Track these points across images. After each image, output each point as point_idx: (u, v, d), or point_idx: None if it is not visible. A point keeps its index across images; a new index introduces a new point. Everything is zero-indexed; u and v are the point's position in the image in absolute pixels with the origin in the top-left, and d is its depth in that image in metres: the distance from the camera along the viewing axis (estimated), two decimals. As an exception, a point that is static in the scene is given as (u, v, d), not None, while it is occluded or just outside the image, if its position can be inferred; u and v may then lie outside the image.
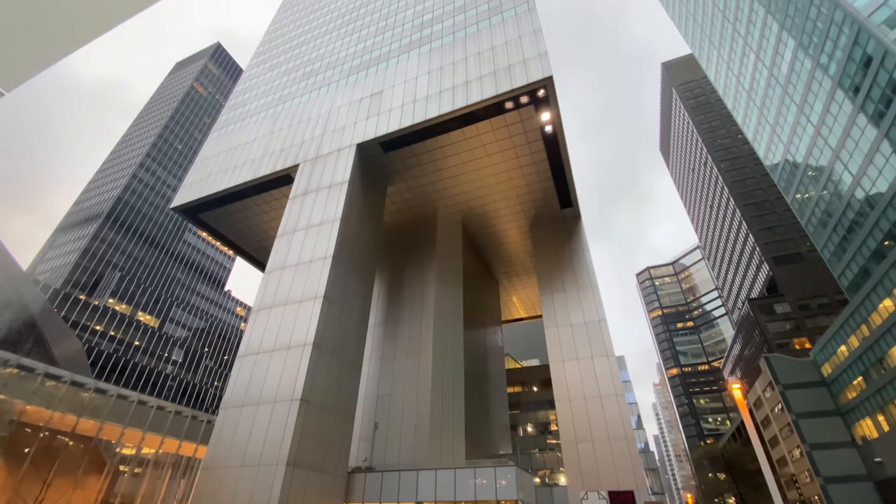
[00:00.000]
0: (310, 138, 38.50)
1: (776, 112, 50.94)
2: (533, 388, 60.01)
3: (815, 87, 42.10)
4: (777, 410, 52.40)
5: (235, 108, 50.21)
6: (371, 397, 35.34)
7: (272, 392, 23.93)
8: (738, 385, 19.60)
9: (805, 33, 41.71)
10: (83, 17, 3.04)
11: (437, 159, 36.68)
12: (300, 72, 48.65)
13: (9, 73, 3.10)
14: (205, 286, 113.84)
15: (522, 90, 30.35)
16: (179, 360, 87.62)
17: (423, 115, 33.01)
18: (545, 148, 34.93)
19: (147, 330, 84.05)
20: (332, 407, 25.58)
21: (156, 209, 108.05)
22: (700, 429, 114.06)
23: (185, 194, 42.61)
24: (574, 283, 37.73)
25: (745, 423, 19.08)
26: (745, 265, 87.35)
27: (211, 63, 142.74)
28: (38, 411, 26.29)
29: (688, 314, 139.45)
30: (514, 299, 60.72)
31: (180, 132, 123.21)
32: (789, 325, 67.69)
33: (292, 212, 33.24)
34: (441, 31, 39.92)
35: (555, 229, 41.89)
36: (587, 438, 30.18)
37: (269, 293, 29.04)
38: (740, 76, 58.37)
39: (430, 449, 30.98)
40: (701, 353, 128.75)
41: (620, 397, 30.97)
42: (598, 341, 33.75)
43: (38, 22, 2.94)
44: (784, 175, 53.25)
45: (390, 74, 39.06)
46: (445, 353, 36.08)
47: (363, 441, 32.94)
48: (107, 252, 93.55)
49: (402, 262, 41.93)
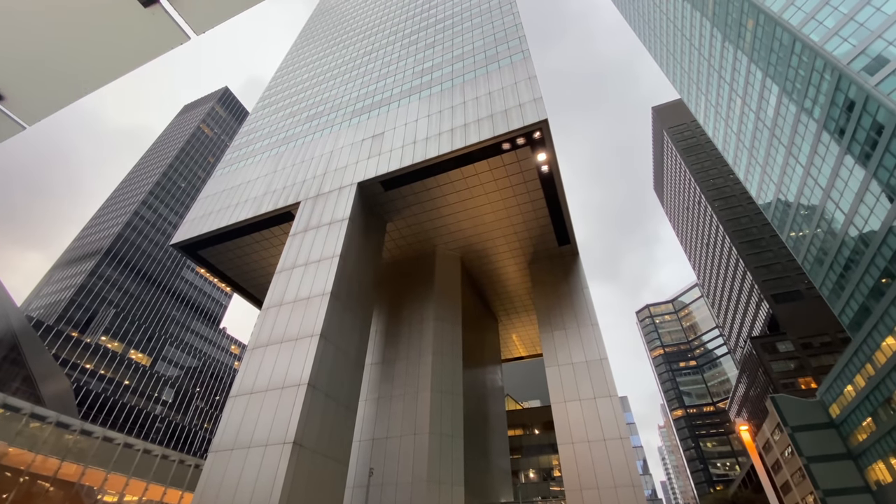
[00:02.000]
0: (312, 177, 39.27)
1: (765, 153, 52.48)
2: (535, 431, 58.04)
3: (802, 130, 43.61)
4: (787, 454, 50.56)
5: (240, 148, 51.52)
6: (366, 440, 34.07)
7: (264, 434, 23.07)
8: (747, 427, 19.02)
9: (788, 80, 43.69)
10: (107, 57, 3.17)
11: (436, 198, 37.32)
12: (304, 114, 50.34)
13: (30, 107, 3.20)
14: (200, 323, 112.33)
15: (518, 132, 31.38)
16: (170, 400, 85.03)
17: (423, 156, 33.90)
18: (542, 187, 35.68)
19: (138, 368, 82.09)
20: (326, 451, 24.60)
21: (156, 246, 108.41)
22: (709, 474, 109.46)
23: (185, 231, 42.90)
24: (574, 320, 37.40)
25: (756, 468, 18.36)
26: (745, 303, 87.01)
27: (218, 106, 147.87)
28: (20, 454, 25.19)
29: (690, 353, 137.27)
30: (514, 337, 59.92)
31: (184, 171, 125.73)
32: (793, 364, 66.53)
33: (292, 248, 33.37)
34: (441, 78, 41.71)
35: (553, 266, 42.01)
36: (592, 485, 28.89)
37: (265, 330, 28.62)
38: (728, 120, 60.58)
39: (428, 497, 29.54)
40: (705, 394, 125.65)
41: (625, 440, 29.93)
42: (601, 381, 33.02)
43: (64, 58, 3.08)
44: (777, 213, 54.13)
45: (391, 117, 40.43)
46: (444, 394, 35.14)
47: (357, 488, 31.43)
48: (103, 288, 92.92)
49: (400, 299, 41.68)
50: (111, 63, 3.25)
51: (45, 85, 3.11)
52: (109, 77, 3.30)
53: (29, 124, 3.24)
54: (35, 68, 3.02)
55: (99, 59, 3.18)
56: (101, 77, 3.27)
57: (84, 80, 3.20)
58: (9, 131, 3.27)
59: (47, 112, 3.21)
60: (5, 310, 36.72)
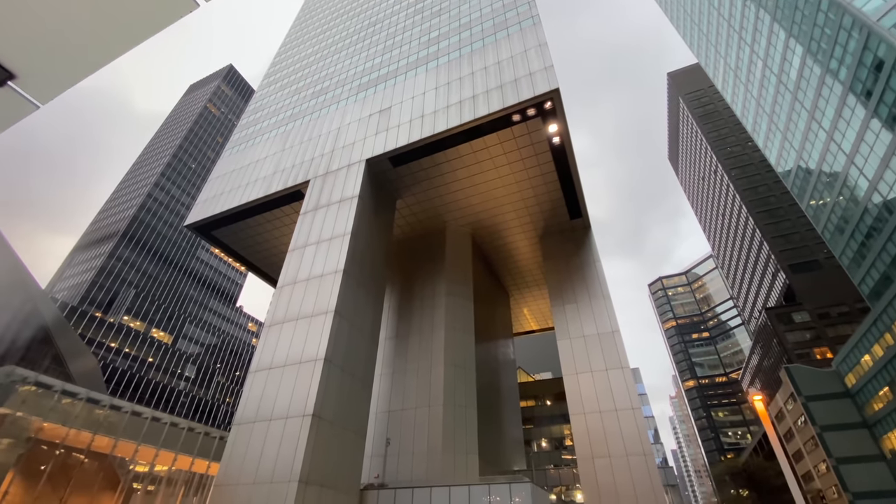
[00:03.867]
0: (320, 155, 39.06)
1: (787, 119, 50.51)
2: (546, 402, 59.01)
3: (826, 93, 41.72)
4: (800, 423, 50.74)
5: (247, 127, 51.28)
6: (382, 412, 35.04)
7: (284, 408, 23.85)
8: (760, 396, 19.03)
9: (813, 39, 41.53)
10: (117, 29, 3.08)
11: (446, 172, 36.92)
12: (310, 90, 49.64)
13: (43, 85, 3.13)
14: (217, 302, 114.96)
15: (529, 103, 30.56)
16: (192, 376, 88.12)
17: (431, 130, 33.35)
18: (553, 159, 34.99)
19: (160, 346, 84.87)
20: (344, 422, 25.39)
21: (170, 227, 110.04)
22: (720, 443, 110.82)
23: (198, 212, 43.35)
24: (586, 293, 37.33)
25: (769, 436, 18.47)
26: (761, 273, 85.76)
27: (224, 84, 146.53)
28: (54, 428, 26.54)
29: (703, 325, 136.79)
30: (525, 311, 60.21)
31: (194, 151, 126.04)
32: (809, 334, 65.93)
33: (303, 227, 33.57)
34: (448, 48, 40.55)
35: (564, 240, 41.67)
36: (604, 454, 29.47)
37: (280, 308, 29.18)
38: (748, 84, 58.16)
39: (443, 465, 30.49)
40: (718, 365, 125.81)
41: (637, 410, 30.27)
42: (612, 353, 33.18)
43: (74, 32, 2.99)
44: (797, 182, 52.53)
45: (398, 91, 39.66)
46: (457, 367, 35.73)
47: (375, 457, 32.56)
48: (122, 270, 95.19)
49: (412, 276, 41.95)
50: (121, 35, 3.15)
51: (57, 61, 3.03)
52: (120, 50, 3.21)
53: (43, 103, 3.19)
54: (45, 44, 2.94)
55: (108, 31, 3.08)
56: (112, 50, 3.18)
57: (95, 54, 3.13)
58: (23, 111, 3.23)
59: (60, 89, 3.14)
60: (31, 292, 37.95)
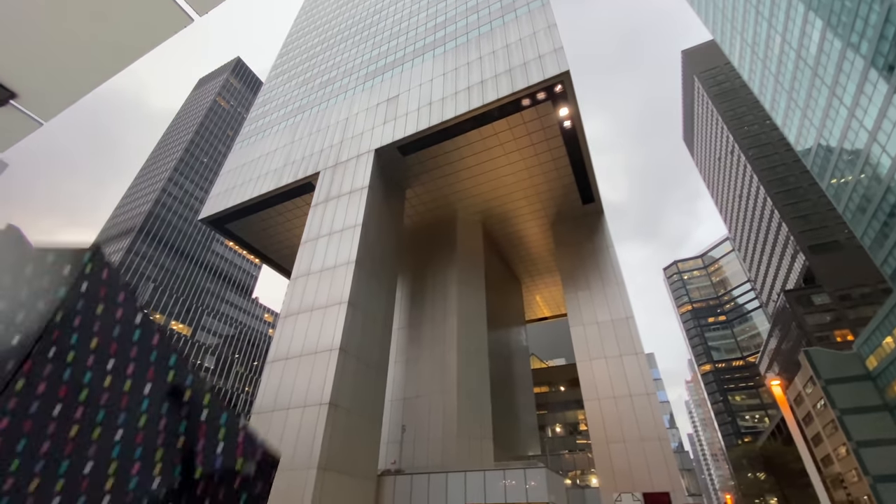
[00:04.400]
0: (329, 146, 39.08)
1: (806, 95, 48.85)
2: (560, 388, 59.16)
3: (847, 68, 40.18)
4: (819, 406, 50.08)
5: (256, 120, 51.47)
6: (397, 400, 35.52)
7: (301, 397, 24.32)
8: (778, 382, 18.80)
9: (833, 12, 39.89)
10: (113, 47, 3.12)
11: (455, 161, 36.67)
12: (317, 81, 49.49)
13: (45, 103, 3.22)
14: (233, 294, 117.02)
15: (539, 86, 30.02)
16: (211, 366, 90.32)
17: (440, 117, 33.05)
18: (564, 144, 34.45)
19: (180, 338, 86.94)
20: (360, 410, 25.81)
21: (185, 221, 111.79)
22: (737, 426, 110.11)
23: (211, 206, 43.90)
24: (599, 279, 37.03)
25: (787, 421, 18.26)
26: (779, 255, 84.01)
27: (232, 77, 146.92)
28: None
29: (719, 308, 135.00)
30: (538, 298, 60.06)
31: (205, 146, 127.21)
32: (829, 316, 64.66)
33: (314, 219, 33.79)
34: (455, 32, 39.93)
35: (577, 226, 41.24)
36: (619, 439, 29.51)
37: (295, 299, 29.57)
38: (766, 60, 56.26)
39: (458, 451, 30.88)
40: (735, 349, 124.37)
41: (652, 396, 30.16)
42: (627, 339, 32.98)
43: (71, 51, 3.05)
44: (817, 160, 50.99)
45: (405, 78, 39.30)
46: (470, 355, 35.94)
47: (391, 444, 33.11)
48: (140, 265, 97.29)
49: (423, 265, 42.06)
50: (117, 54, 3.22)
51: (56, 80, 3.11)
52: (117, 68, 3.26)
53: (45, 120, 3.27)
54: (44, 65, 3.02)
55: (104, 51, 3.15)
56: (109, 68, 3.24)
57: (92, 73, 3.18)
58: (27, 128, 3.34)
59: (62, 106, 3.22)
60: (54, 287, 39.02)
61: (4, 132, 3.33)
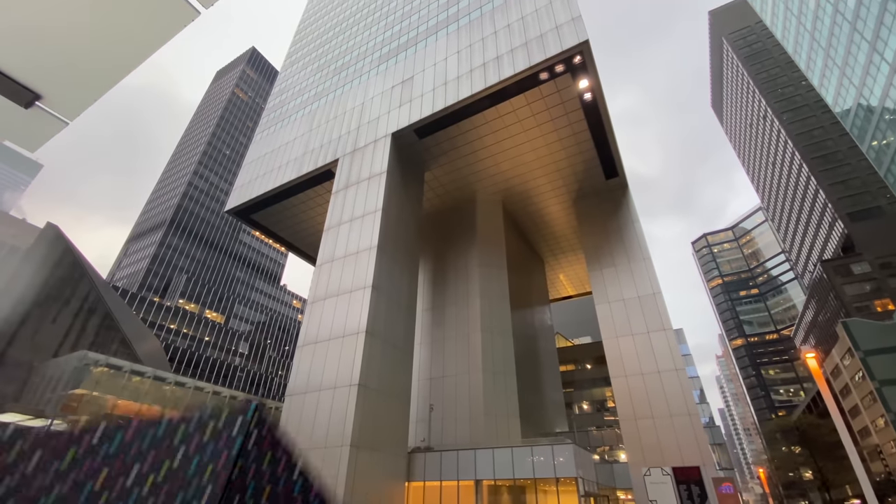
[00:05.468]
0: (346, 132, 39.16)
1: (845, 52, 45.71)
2: (586, 366, 59.01)
3: (889, 21, 37.27)
4: (857, 378, 48.44)
5: (274, 110, 51.91)
6: (424, 380, 36.23)
7: (332, 378, 25.11)
8: (813, 355, 18.21)
9: (879, -43, 36.84)
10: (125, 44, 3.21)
11: (473, 140, 36.20)
12: (332, 67, 49.33)
13: (68, 103, 3.36)
14: (262, 282, 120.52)
15: (557, 59, 29.08)
16: (245, 352, 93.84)
17: (455, 97, 32.54)
18: (585, 117, 33.47)
19: (214, 326, 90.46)
20: (389, 390, 26.49)
21: (212, 213, 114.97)
22: (770, 401, 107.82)
23: (236, 197, 44.92)
24: (624, 256, 36.34)
25: (822, 393, 17.76)
26: (816, 224, 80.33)
27: (248, 68, 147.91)
28: (128, 405, 29.24)
29: (751, 281, 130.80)
30: (562, 277, 59.53)
31: (227, 138, 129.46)
32: (869, 286, 61.83)
33: (336, 206, 34.18)
34: (468, 7, 38.88)
35: (600, 201, 40.36)
36: (647, 415, 29.38)
37: (321, 285, 30.25)
38: (801, 16, 52.73)
39: (486, 428, 31.43)
40: (768, 322, 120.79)
41: (681, 371, 29.77)
42: (654, 315, 32.45)
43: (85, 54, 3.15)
44: (857, 122, 48.00)
45: (419, 59, 38.72)
46: (494, 335, 36.16)
47: (420, 422, 33.95)
48: (173, 257, 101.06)
49: (444, 248, 42.16)
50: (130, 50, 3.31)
51: (77, 79, 3.22)
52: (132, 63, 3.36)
53: (70, 119, 3.41)
54: (64, 66, 3.14)
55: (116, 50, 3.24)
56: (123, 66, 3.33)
57: (109, 72, 3.28)
58: (54, 128, 3.48)
59: (85, 105, 3.35)
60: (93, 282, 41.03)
61: (33, 133, 3.50)
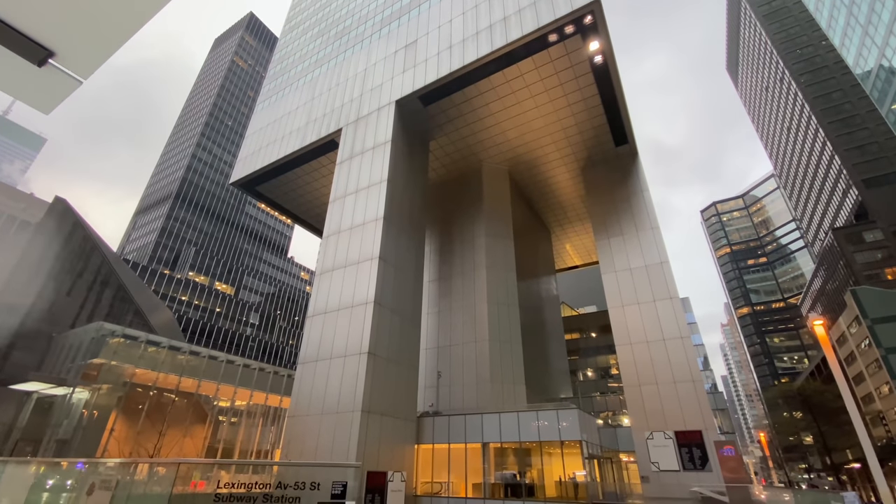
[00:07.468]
0: (349, 100, 38.33)
1: (868, 10, 43.37)
2: (591, 335, 59.70)
3: (926, -31, 35.10)
4: (863, 346, 48.67)
5: (275, 79, 50.74)
6: (432, 348, 36.90)
7: (342, 347, 25.65)
8: (821, 321, 18.20)
9: None
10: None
11: (479, 107, 35.32)
12: (332, 31, 47.76)
13: (82, 60, 3.25)
14: (270, 254, 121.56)
15: (566, 19, 27.85)
16: (256, 322, 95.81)
17: (461, 62, 31.52)
18: (595, 81, 32.39)
19: (225, 297, 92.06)
20: (397, 358, 27.06)
21: (217, 185, 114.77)
22: (774, 368, 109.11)
23: (240, 169, 44.63)
24: (632, 225, 36.00)
25: (828, 360, 17.85)
26: (829, 192, 78.73)
27: (247, 34, 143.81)
28: (145, 373, 30.17)
29: (760, 250, 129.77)
30: (568, 247, 59.34)
31: (228, 108, 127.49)
32: (881, 254, 61.12)
33: (340, 177, 33.89)
34: (473, -34, 37.03)
35: (609, 169, 39.65)
36: (651, 381, 29.87)
37: (328, 257, 30.42)
38: (826, -31, 49.82)
39: (492, 394, 32.21)
40: (775, 290, 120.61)
41: (686, 339, 30.02)
42: (661, 284, 32.44)
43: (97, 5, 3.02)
44: (878, 84, 46.10)
45: (423, 21, 37.32)
46: (500, 305, 36.47)
47: (428, 388, 34.83)
48: (181, 229, 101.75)
49: (450, 218, 41.96)
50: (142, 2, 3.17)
51: (90, 33, 3.11)
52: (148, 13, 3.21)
53: (84, 77, 3.30)
54: (77, 20, 3.03)
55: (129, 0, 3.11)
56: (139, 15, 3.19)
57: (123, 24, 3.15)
58: (69, 87, 3.39)
59: (99, 62, 3.23)
60: (104, 255, 41.56)
61: (48, 93, 3.40)
